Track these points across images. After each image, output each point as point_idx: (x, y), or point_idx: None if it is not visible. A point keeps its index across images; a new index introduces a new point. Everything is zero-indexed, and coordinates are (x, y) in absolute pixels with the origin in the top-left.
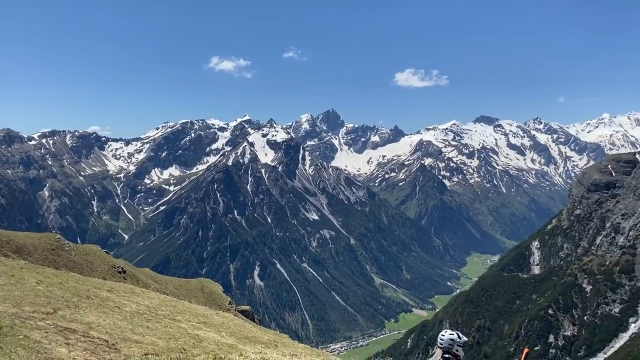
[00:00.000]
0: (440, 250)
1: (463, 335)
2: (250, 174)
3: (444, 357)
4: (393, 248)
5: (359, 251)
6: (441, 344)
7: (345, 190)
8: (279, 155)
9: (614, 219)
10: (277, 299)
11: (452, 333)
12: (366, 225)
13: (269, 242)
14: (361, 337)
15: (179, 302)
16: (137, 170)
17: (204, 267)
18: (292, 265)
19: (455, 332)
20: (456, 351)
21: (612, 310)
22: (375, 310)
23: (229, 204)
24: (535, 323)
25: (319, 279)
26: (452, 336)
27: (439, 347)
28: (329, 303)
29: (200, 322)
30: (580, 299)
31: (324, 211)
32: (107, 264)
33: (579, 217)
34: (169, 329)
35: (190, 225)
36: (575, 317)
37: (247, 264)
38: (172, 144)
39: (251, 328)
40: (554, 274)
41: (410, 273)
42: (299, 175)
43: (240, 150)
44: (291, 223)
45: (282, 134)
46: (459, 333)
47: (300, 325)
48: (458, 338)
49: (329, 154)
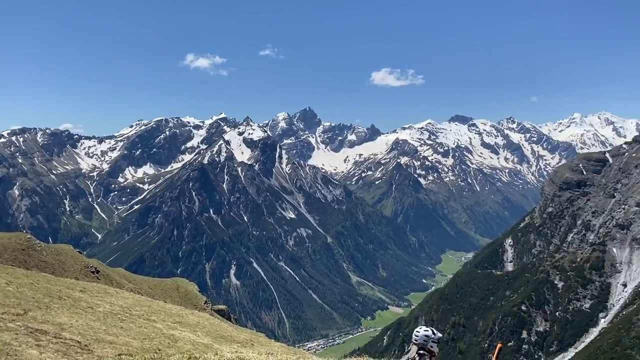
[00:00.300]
0: (416, 248)
1: (437, 332)
2: (227, 172)
3: (419, 354)
4: (370, 246)
5: (336, 249)
6: (416, 340)
7: (322, 189)
8: (256, 154)
9: (584, 217)
10: (253, 298)
11: (427, 329)
12: (343, 224)
13: (245, 241)
14: (338, 335)
15: (153, 302)
16: (110, 169)
17: (179, 266)
18: (268, 264)
19: (430, 328)
20: (431, 347)
21: (582, 305)
22: (351, 308)
23: (205, 202)
24: (508, 319)
25: (295, 277)
26: (427, 332)
27: (414, 343)
28: (306, 301)
29: (175, 322)
30: (552, 295)
31: (301, 210)
32: (80, 263)
33: (551, 215)
34: (144, 329)
35: (165, 225)
36: (547, 313)
37: (223, 263)
38: (146, 142)
39: (227, 327)
40: (526, 271)
41: (387, 271)
42: (275, 174)
43: (216, 148)
44: (268, 222)
45: (259, 132)
46: (434, 329)
47: (277, 324)
48: (433, 334)
49: (306, 152)
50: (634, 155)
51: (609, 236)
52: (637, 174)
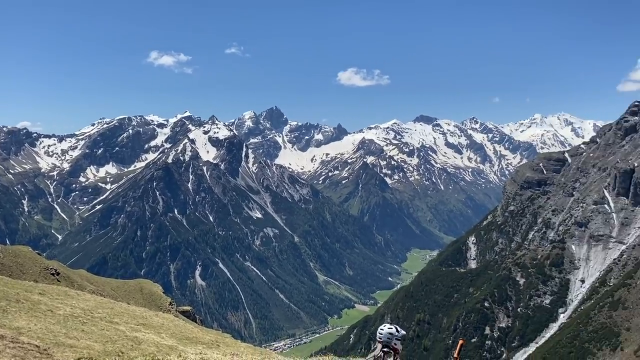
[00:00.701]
0: (382, 247)
1: (401, 329)
2: (192, 171)
3: (383, 351)
4: (336, 245)
5: (303, 249)
6: (380, 338)
7: (289, 188)
8: (222, 153)
9: (545, 215)
10: (219, 299)
11: (391, 327)
12: (310, 223)
13: (211, 241)
14: (305, 334)
15: (116, 304)
16: (71, 168)
17: (143, 267)
18: (235, 264)
19: (394, 326)
20: (395, 345)
21: (543, 301)
22: (318, 307)
23: (169, 202)
24: (472, 316)
25: (262, 277)
26: (391, 330)
27: (378, 341)
28: (273, 301)
29: (139, 324)
30: (514, 291)
31: (267, 209)
32: (39, 266)
33: (512, 213)
34: (106, 331)
35: (129, 225)
36: (509, 309)
37: (189, 264)
38: (108, 141)
39: (192, 329)
40: (489, 268)
41: (353, 269)
42: (242, 173)
43: (180, 147)
44: (234, 221)
45: (225, 131)
46: (398, 327)
47: (243, 325)
48: (396, 332)
49: (273, 151)
50: (592, 155)
51: (568, 234)
52: (594, 173)
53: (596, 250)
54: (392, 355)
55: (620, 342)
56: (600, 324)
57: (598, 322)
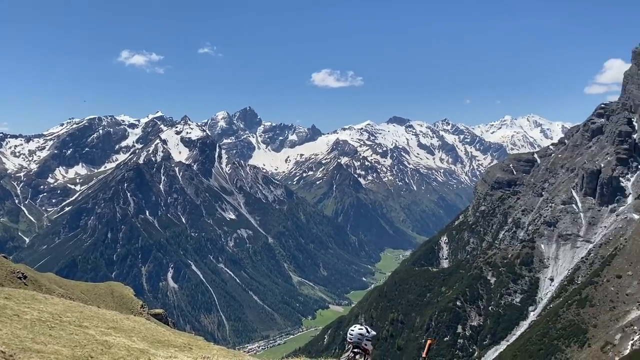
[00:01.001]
0: (356, 247)
1: (371, 330)
2: (163, 172)
3: (353, 352)
4: (311, 246)
5: (277, 250)
6: (350, 338)
7: (263, 189)
8: (194, 154)
9: (515, 215)
10: (192, 301)
11: (361, 328)
12: (284, 224)
13: (183, 243)
14: (279, 335)
15: (86, 308)
16: (39, 169)
17: (114, 270)
18: (208, 266)
19: (364, 326)
20: (365, 345)
21: (513, 300)
22: (292, 309)
23: (141, 204)
24: (444, 314)
25: (236, 279)
26: (361, 331)
27: (348, 342)
28: (246, 303)
29: (109, 327)
30: (485, 290)
31: (241, 210)
32: (5, 269)
33: (483, 213)
34: (75, 336)
35: (99, 227)
36: (481, 308)
37: (160, 266)
38: (78, 141)
39: (164, 332)
40: (461, 267)
41: (327, 270)
42: (215, 174)
43: (152, 147)
44: (207, 223)
45: (197, 131)
46: (368, 327)
47: (216, 327)
48: (367, 332)
49: (247, 152)
50: (560, 156)
51: (537, 233)
52: (562, 173)
53: (564, 249)
54: (363, 356)
55: (587, 338)
56: (569, 321)
57: (566, 320)
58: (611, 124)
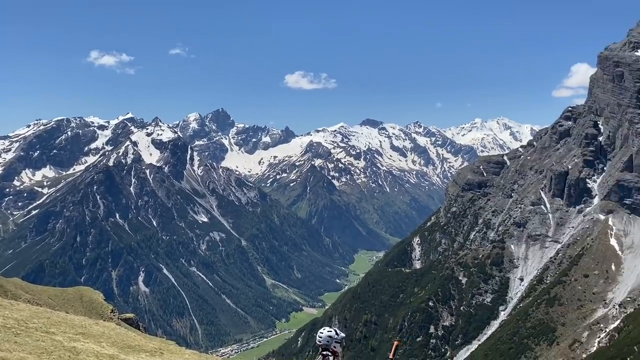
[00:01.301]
0: (330, 249)
1: (340, 332)
2: (134, 174)
3: (322, 354)
4: (284, 248)
5: (250, 252)
6: (319, 341)
7: (236, 191)
8: (165, 156)
9: (485, 216)
10: (164, 305)
11: (330, 330)
12: (258, 226)
13: (154, 246)
14: (252, 339)
15: (53, 313)
16: (4, 172)
17: (83, 274)
18: (179, 269)
19: (333, 329)
20: (334, 347)
21: (484, 300)
22: (266, 311)
23: (110, 206)
24: (417, 315)
25: (208, 282)
26: (330, 333)
27: (317, 344)
28: (219, 307)
29: (77, 333)
30: (457, 290)
31: (213, 213)
32: None
33: (454, 214)
34: (42, 342)
35: (67, 230)
36: (452, 308)
37: (131, 270)
38: (45, 143)
39: (135, 336)
40: (433, 268)
41: (301, 272)
42: (187, 176)
43: (122, 149)
44: (179, 226)
45: (169, 133)
46: (337, 330)
47: (189, 331)
48: (335, 335)
49: (219, 154)
50: (529, 158)
51: (507, 234)
52: (531, 175)
53: (534, 250)
54: (332, 358)
55: (556, 337)
56: (538, 320)
57: (536, 319)
58: (578, 127)
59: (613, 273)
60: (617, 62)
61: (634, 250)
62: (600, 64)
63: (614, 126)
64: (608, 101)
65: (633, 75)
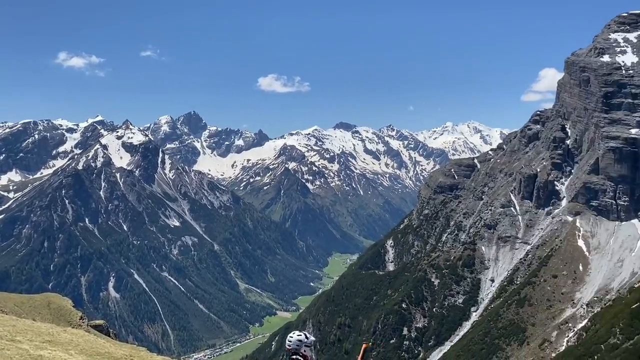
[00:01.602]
0: (304, 252)
1: (311, 336)
2: (104, 178)
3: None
4: (258, 252)
5: (223, 257)
6: (289, 345)
7: (208, 195)
8: (136, 159)
9: (457, 218)
10: (134, 311)
11: (300, 334)
12: (231, 230)
13: (125, 251)
14: (225, 344)
15: (19, 321)
16: None
17: (51, 281)
18: (151, 274)
19: (303, 332)
20: (304, 352)
21: (456, 301)
22: (239, 316)
23: (79, 211)
24: (390, 317)
25: (180, 287)
26: (300, 337)
27: (287, 349)
28: (192, 312)
29: (44, 341)
30: (429, 292)
31: (185, 217)
32: None
33: (427, 217)
34: (6, 351)
35: (34, 236)
36: (425, 310)
37: (101, 276)
38: (11, 147)
39: (104, 343)
40: (406, 270)
41: (275, 276)
42: (158, 180)
43: (92, 153)
44: (150, 230)
45: (140, 136)
46: (307, 334)
47: (160, 337)
48: (305, 339)
49: (191, 157)
50: (498, 161)
51: (478, 235)
52: (501, 178)
53: (504, 251)
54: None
55: (526, 337)
56: (509, 320)
57: (507, 319)
58: (546, 130)
59: (581, 273)
60: (583, 67)
61: (600, 250)
62: (567, 69)
63: (580, 130)
64: (575, 105)
65: (599, 80)
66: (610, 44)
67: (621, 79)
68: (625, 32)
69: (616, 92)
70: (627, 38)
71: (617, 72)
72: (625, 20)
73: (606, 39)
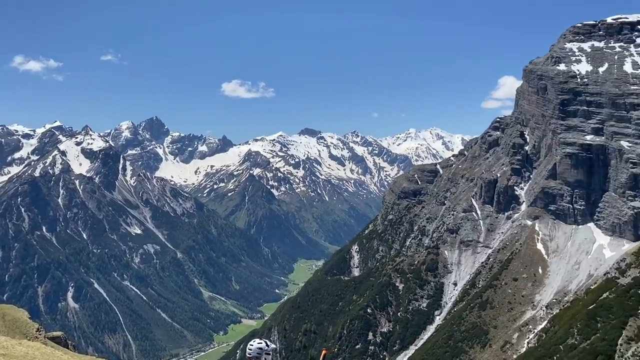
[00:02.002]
0: (269, 259)
1: (272, 343)
2: (62, 185)
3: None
4: (222, 259)
5: (187, 265)
6: (249, 353)
7: (171, 202)
8: (96, 165)
9: (420, 223)
10: (95, 322)
11: (261, 342)
12: (194, 238)
13: (84, 260)
14: (189, 353)
15: None
16: None
17: (6, 291)
18: (112, 284)
19: (264, 340)
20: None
21: (420, 305)
22: (203, 325)
23: (36, 219)
24: (356, 322)
25: (142, 296)
26: (261, 345)
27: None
28: (154, 321)
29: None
30: (394, 296)
31: (147, 224)
32: None
33: (391, 222)
34: None
35: None
36: (390, 314)
37: (59, 286)
38: None
39: (62, 356)
40: (371, 275)
41: (240, 283)
42: (119, 187)
43: (49, 159)
44: (110, 238)
45: (100, 142)
46: (267, 341)
47: (122, 347)
48: (266, 346)
49: (153, 163)
50: (460, 167)
51: (441, 240)
52: (463, 183)
53: (466, 255)
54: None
55: (489, 339)
56: (471, 323)
57: (469, 322)
58: (506, 137)
59: (540, 276)
60: (540, 75)
61: (558, 254)
62: (525, 77)
63: (539, 136)
64: (533, 112)
65: (555, 88)
66: (566, 53)
67: (577, 87)
68: (580, 42)
69: (572, 100)
70: (582, 48)
71: (573, 80)
72: (580, 30)
73: (562, 48)
